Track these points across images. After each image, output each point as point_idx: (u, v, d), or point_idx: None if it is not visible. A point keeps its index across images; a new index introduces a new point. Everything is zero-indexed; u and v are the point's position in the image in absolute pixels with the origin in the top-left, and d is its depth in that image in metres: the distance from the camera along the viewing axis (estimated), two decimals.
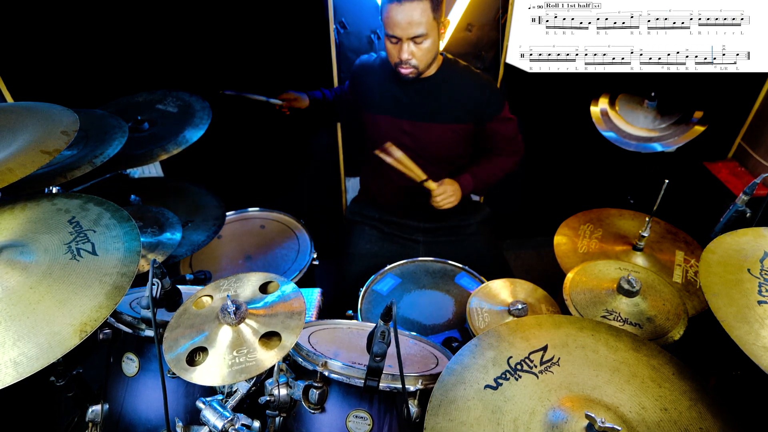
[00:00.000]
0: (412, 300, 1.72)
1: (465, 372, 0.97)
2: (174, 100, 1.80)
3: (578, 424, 0.86)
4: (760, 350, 0.87)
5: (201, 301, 1.07)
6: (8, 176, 1.01)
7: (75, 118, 1.21)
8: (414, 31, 1.58)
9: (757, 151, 2.21)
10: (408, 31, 1.58)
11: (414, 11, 1.55)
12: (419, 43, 1.62)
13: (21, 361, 0.82)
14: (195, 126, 1.67)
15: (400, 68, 1.69)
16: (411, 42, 1.61)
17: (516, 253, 2.90)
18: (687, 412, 0.92)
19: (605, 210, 1.75)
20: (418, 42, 1.62)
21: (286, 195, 2.51)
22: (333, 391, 1.10)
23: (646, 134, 1.80)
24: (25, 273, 0.93)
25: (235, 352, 0.94)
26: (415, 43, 1.62)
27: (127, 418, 1.21)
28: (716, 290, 0.98)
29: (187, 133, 1.64)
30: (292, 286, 1.08)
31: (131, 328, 1.18)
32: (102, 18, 1.89)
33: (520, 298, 1.46)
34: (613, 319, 1.26)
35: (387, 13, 1.59)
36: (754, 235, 1.12)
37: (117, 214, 1.08)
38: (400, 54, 1.65)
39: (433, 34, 1.63)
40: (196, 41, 2.02)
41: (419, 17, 1.56)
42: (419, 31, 1.58)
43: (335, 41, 2.08)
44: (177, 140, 1.61)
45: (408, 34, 1.59)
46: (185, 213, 1.77)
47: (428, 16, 1.58)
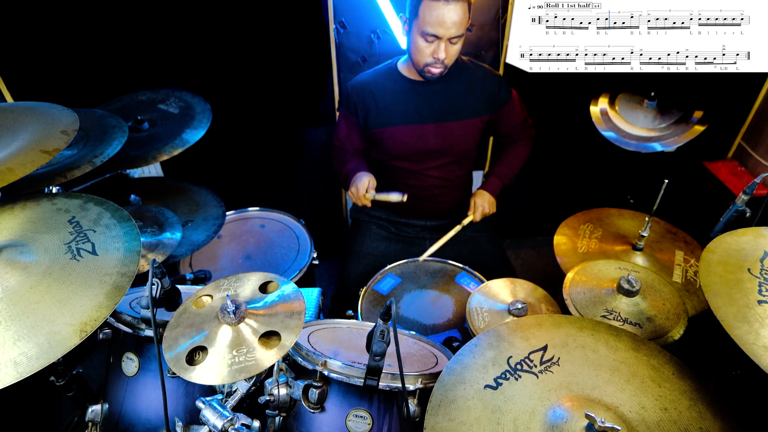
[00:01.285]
0: (413, 300, 1.72)
1: (465, 372, 0.97)
2: (176, 101, 1.80)
3: (578, 424, 0.86)
4: (760, 350, 0.87)
5: (201, 301, 1.07)
6: (8, 176, 1.01)
7: (75, 117, 1.21)
8: (456, 31, 1.57)
9: (757, 150, 2.21)
10: (451, 30, 1.56)
11: (459, 11, 1.54)
12: (455, 43, 1.61)
13: (21, 361, 0.82)
14: (194, 128, 1.67)
15: (431, 67, 1.66)
16: (448, 42, 1.60)
17: (516, 252, 2.90)
18: (687, 412, 0.92)
19: (605, 210, 1.75)
20: (454, 42, 1.61)
21: (286, 195, 2.51)
22: (333, 390, 1.10)
23: (646, 134, 1.80)
24: (25, 273, 0.93)
25: (235, 351, 0.94)
26: (451, 43, 1.61)
27: (126, 418, 1.21)
28: (716, 290, 0.98)
29: (186, 135, 1.64)
30: (292, 285, 1.08)
31: (131, 327, 1.18)
32: (101, 18, 1.89)
33: (520, 297, 1.46)
34: (613, 319, 1.26)
35: (429, 11, 1.55)
36: (754, 234, 1.12)
37: (117, 213, 1.08)
38: (436, 53, 1.62)
39: (464, 34, 1.63)
40: (196, 41, 2.02)
41: (462, 17, 1.56)
42: (460, 31, 1.58)
43: (335, 41, 2.08)
44: (174, 142, 1.61)
45: (450, 34, 1.57)
46: (185, 213, 1.77)
47: (467, 17, 1.58)
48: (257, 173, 2.48)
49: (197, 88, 1.82)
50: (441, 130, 1.83)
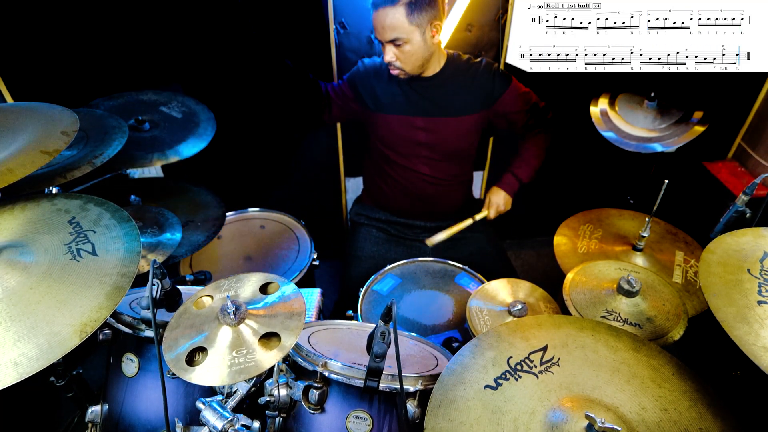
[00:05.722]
0: (413, 300, 1.71)
1: (465, 372, 0.97)
2: (179, 105, 1.80)
3: (578, 425, 0.86)
4: (760, 350, 0.87)
5: (201, 302, 1.07)
6: (8, 176, 1.01)
7: (75, 118, 1.21)
8: (389, 35, 1.65)
9: (757, 151, 2.21)
10: (384, 35, 1.66)
11: (386, 17, 1.63)
12: (399, 45, 1.68)
13: (21, 361, 0.82)
14: (199, 136, 1.69)
15: (390, 68, 1.76)
16: (392, 45, 1.68)
17: (516, 253, 2.90)
18: (687, 412, 0.92)
19: (605, 210, 1.75)
20: (398, 45, 1.68)
21: (286, 196, 2.51)
22: (333, 391, 1.10)
23: (646, 134, 1.79)
24: (25, 273, 0.93)
25: (235, 352, 0.94)
26: (396, 46, 1.68)
27: (126, 419, 1.21)
28: (716, 290, 0.98)
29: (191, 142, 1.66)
30: (292, 286, 1.08)
31: (131, 328, 1.18)
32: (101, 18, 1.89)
33: (520, 298, 1.47)
34: (613, 320, 1.26)
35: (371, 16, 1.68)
36: (754, 235, 1.12)
37: (117, 214, 1.08)
38: (384, 55, 1.72)
39: (415, 38, 1.67)
40: (197, 41, 2.02)
41: (391, 22, 1.63)
42: (393, 35, 1.65)
43: (335, 41, 2.08)
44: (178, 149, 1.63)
45: (385, 38, 1.67)
46: (185, 213, 1.77)
47: (402, 22, 1.63)
48: (257, 174, 2.48)
49: (198, 88, 1.82)
50: (430, 125, 1.87)
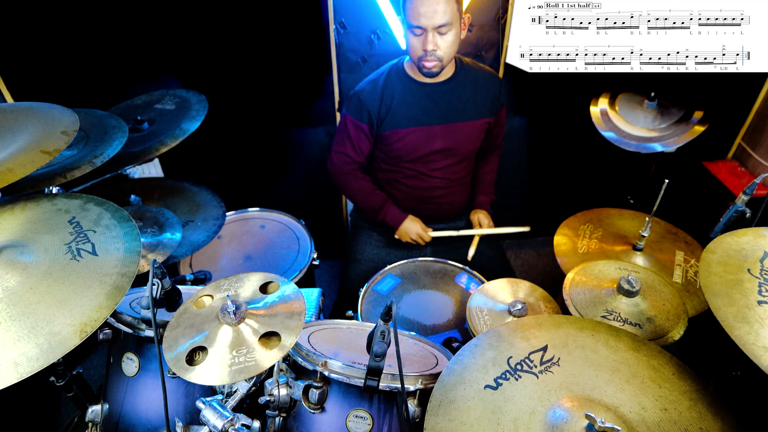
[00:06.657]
0: (412, 300, 1.71)
1: (465, 372, 0.97)
2: (171, 98, 1.81)
3: (578, 424, 0.86)
4: (760, 350, 0.87)
5: (201, 301, 1.07)
6: (8, 176, 1.01)
7: (75, 118, 1.21)
8: (439, 19, 1.57)
9: (757, 151, 2.21)
10: (433, 20, 1.57)
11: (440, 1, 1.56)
12: (444, 33, 1.61)
13: (21, 361, 0.82)
14: (192, 118, 1.68)
15: (424, 61, 1.67)
16: (436, 32, 1.60)
17: (516, 253, 2.90)
18: (687, 412, 0.92)
19: (605, 210, 1.75)
20: (443, 33, 1.61)
21: (286, 195, 2.51)
22: (333, 390, 1.10)
23: (646, 134, 1.80)
24: (25, 273, 0.93)
25: (235, 351, 0.94)
26: (440, 34, 1.61)
27: (127, 418, 1.21)
28: (716, 290, 0.98)
29: (184, 125, 1.64)
30: (292, 286, 1.08)
31: (131, 328, 1.18)
32: (101, 18, 1.89)
33: (520, 298, 1.46)
34: (613, 319, 1.26)
35: (412, 3, 1.59)
36: (754, 235, 1.11)
37: (117, 214, 1.08)
38: (425, 45, 1.63)
39: (457, 26, 1.62)
40: (197, 41, 2.02)
41: (444, 6, 1.56)
42: (444, 19, 1.58)
43: (335, 41, 2.08)
44: (174, 133, 1.62)
45: (433, 24, 1.58)
46: (185, 213, 1.77)
47: (453, 6, 1.58)
48: (257, 174, 2.48)
49: (198, 88, 1.82)
50: (448, 131, 1.85)
